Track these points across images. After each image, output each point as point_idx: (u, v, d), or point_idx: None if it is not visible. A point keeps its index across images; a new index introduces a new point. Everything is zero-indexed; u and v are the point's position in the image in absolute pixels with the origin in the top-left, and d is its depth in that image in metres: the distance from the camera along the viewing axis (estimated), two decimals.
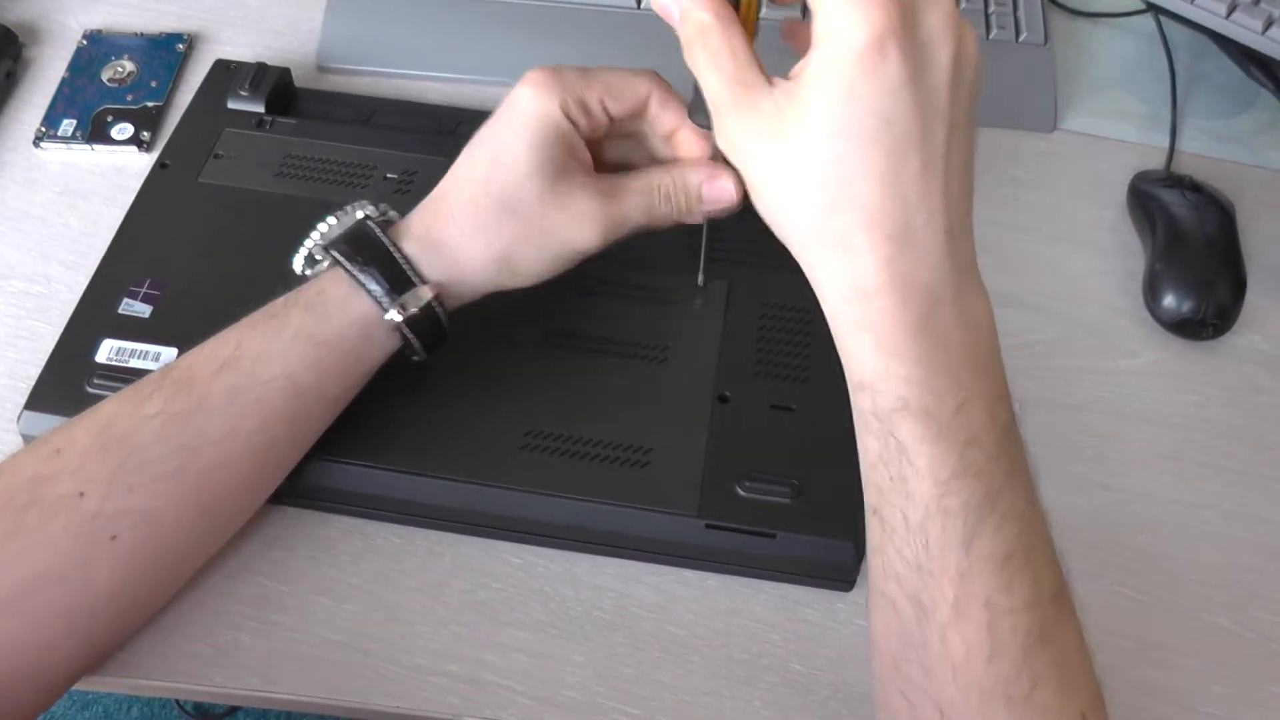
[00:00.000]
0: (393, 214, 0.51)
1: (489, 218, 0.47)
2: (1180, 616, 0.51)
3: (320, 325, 0.46)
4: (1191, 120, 0.70)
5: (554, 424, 0.51)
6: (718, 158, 0.48)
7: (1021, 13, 0.71)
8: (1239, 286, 0.60)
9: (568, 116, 0.47)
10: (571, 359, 0.53)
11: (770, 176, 0.39)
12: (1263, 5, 0.66)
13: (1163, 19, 0.71)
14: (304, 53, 0.70)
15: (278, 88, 0.63)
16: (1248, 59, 0.69)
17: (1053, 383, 0.59)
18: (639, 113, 0.50)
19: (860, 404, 0.39)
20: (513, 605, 0.50)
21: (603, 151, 0.51)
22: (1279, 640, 0.51)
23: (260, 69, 0.64)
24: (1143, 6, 0.70)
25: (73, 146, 0.65)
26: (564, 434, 0.51)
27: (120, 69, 0.68)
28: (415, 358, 0.49)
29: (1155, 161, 0.68)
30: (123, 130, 0.65)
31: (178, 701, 1.14)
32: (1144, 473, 0.56)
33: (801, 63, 0.38)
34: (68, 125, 0.65)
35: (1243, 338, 0.61)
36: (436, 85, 0.69)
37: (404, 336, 0.48)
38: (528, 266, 0.49)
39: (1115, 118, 0.70)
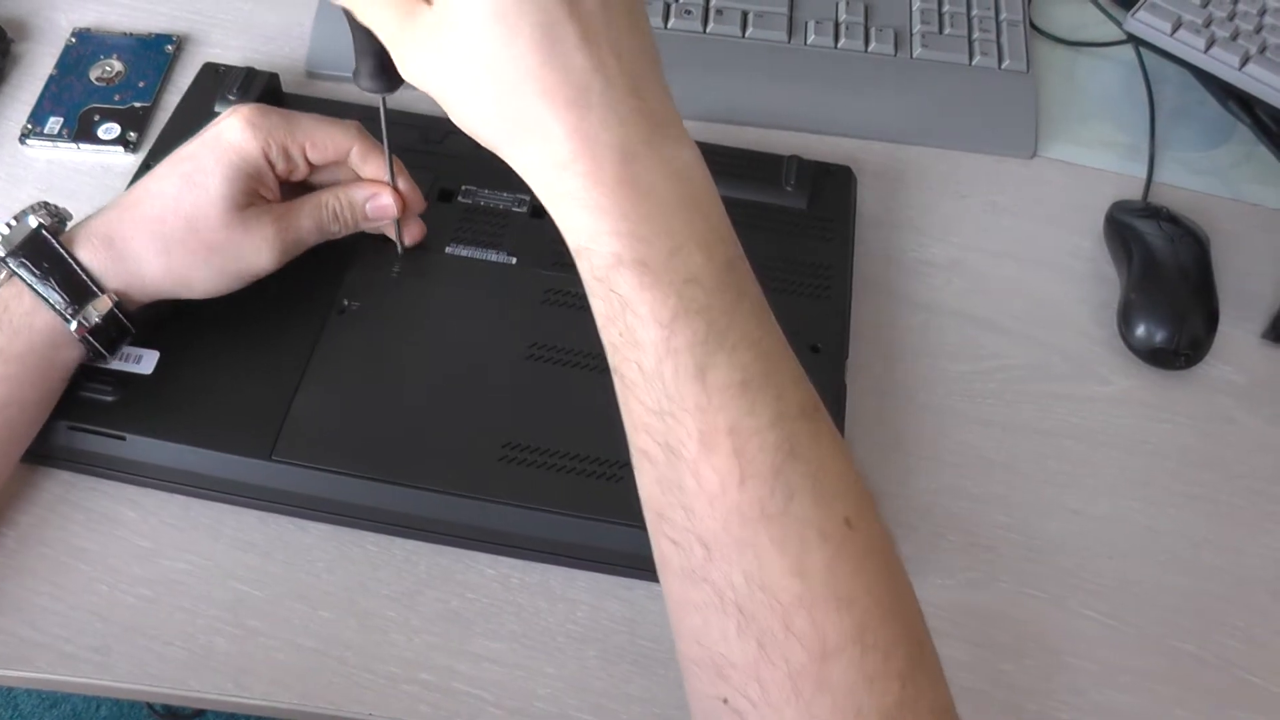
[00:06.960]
0: (65, 210, 0.53)
1: (174, 235, 0.50)
2: (1148, 641, 0.52)
3: (10, 341, 0.48)
4: (1169, 152, 0.71)
5: (532, 436, 0.51)
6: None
7: (1004, 39, 0.72)
8: (1212, 318, 0.61)
9: (267, 158, 0.52)
10: (551, 372, 0.54)
11: (450, 85, 0.40)
12: (1240, 41, 0.67)
13: (1143, 51, 0.72)
14: (293, 58, 0.70)
15: (266, 93, 0.64)
16: (1226, 93, 0.70)
17: (1025, 407, 0.59)
18: (340, 161, 0.55)
19: (582, 271, 0.39)
20: (486, 616, 0.50)
21: (312, 176, 0.56)
22: (1244, 666, 0.52)
23: (249, 73, 0.64)
24: (1124, 38, 0.71)
25: (59, 145, 0.65)
26: (542, 446, 0.51)
27: (109, 68, 0.68)
28: (101, 363, 0.51)
29: (1133, 191, 0.69)
30: (109, 130, 0.65)
31: (148, 702, 1.13)
32: (1114, 499, 0.56)
33: None
34: (54, 123, 0.65)
35: (1215, 369, 0.61)
36: (424, 96, 0.69)
37: (88, 345, 0.50)
38: (204, 284, 0.52)
39: (1095, 146, 0.71)
